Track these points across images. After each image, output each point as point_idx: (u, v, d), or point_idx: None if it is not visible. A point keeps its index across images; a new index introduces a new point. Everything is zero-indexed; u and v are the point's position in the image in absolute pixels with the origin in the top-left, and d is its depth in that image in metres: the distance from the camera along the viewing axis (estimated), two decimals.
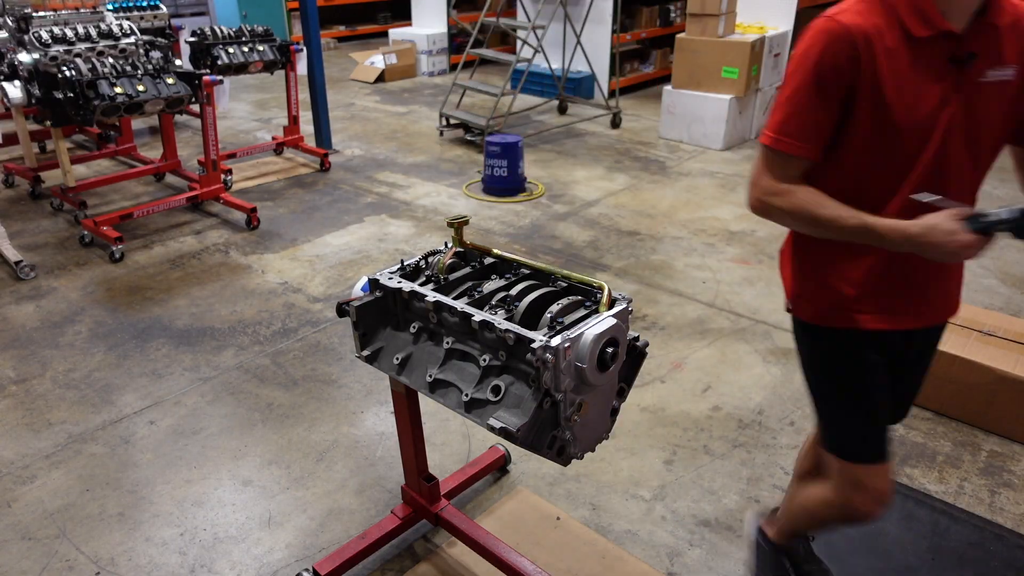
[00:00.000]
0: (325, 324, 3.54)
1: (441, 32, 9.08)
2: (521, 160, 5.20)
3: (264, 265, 4.16)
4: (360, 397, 3.02)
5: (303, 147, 5.91)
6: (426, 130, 6.81)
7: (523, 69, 6.50)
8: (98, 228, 4.26)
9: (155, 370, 3.19)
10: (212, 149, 4.62)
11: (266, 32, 5.41)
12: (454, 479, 2.44)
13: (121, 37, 4.48)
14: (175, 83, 4.18)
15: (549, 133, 6.71)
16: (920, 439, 2.77)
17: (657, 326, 3.51)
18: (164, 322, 3.56)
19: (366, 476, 2.60)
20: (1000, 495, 2.50)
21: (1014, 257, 4.24)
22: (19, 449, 2.72)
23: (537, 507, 2.45)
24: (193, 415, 2.91)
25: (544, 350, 1.34)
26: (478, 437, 2.78)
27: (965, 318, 3.02)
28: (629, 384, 1.64)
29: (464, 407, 1.51)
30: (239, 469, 2.63)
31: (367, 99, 8.00)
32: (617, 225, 4.65)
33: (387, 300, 1.71)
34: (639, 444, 2.73)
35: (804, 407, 2.93)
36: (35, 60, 4.07)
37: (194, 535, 2.35)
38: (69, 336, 3.45)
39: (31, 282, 3.94)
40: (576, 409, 1.47)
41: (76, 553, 2.28)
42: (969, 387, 2.79)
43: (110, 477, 2.59)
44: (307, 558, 2.26)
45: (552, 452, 1.49)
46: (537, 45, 6.33)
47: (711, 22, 5.92)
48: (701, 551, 2.28)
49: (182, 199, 4.69)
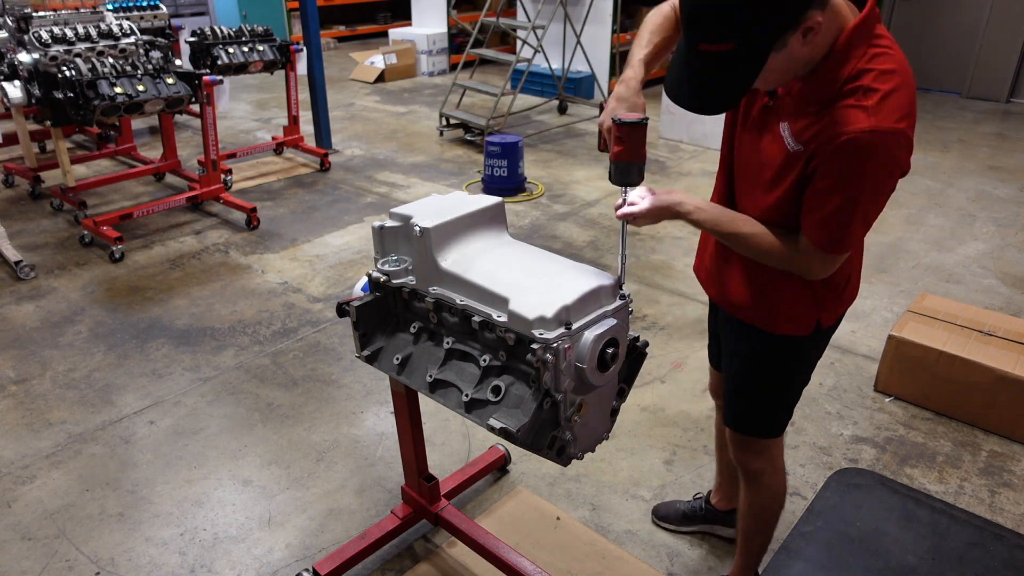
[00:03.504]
0: (325, 324, 3.54)
1: (441, 32, 9.08)
2: (521, 160, 5.20)
3: (264, 265, 4.16)
4: (360, 397, 3.02)
5: (303, 147, 5.90)
6: (426, 130, 6.80)
7: (523, 69, 6.50)
8: (98, 228, 4.26)
9: (155, 370, 3.19)
10: (212, 149, 4.62)
11: (266, 32, 5.41)
12: (454, 479, 2.44)
13: (121, 37, 4.47)
14: (175, 83, 4.18)
15: (549, 133, 6.71)
16: (920, 439, 2.77)
17: (657, 326, 3.51)
18: (164, 322, 3.56)
19: (366, 476, 2.60)
20: (1000, 495, 2.50)
21: (1014, 257, 4.24)
22: (19, 449, 2.72)
23: (537, 507, 2.45)
24: (193, 415, 2.91)
25: (544, 350, 1.34)
26: (478, 437, 2.78)
27: (965, 318, 3.02)
28: (629, 384, 1.63)
29: (464, 407, 1.51)
30: (239, 469, 2.63)
31: (367, 99, 8.00)
32: (617, 225, 4.64)
33: (387, 300, 1.71)
34: (639, 444, 2.73)
35: (804, 407, 2.93)
36: (35, 60, 4.07)
37: (194, 535, 2.35)
38: (69, 336, 3.45)
39: (31, 282, 3.94)
40: (576, 409, 1.47)
41: (76, 553, 2.28)
42: (969, 387, 2.79)
43: (110, 477, 2.59)
44: (307, 558, 2.26)
45: (552, 452, 1.49)
46: (537, 45, 6.33)
47: None
48: (701, 551, 2.28)
49: (182, 199, 4.69)
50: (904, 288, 3.88)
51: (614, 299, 1.49)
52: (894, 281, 3.97)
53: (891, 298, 3.79)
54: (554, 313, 1.36)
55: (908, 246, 4.39)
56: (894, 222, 4.73)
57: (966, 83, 7.89)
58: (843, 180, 1.33)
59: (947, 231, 4.61)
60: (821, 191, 1.37)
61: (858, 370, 3.18)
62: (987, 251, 4.32)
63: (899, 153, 1.30)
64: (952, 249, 4.35)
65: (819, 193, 1.37)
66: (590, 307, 1.44)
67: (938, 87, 8.12)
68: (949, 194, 5.22)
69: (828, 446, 2.73)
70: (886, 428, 2.83)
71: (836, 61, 1.31)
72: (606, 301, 1.48)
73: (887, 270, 4.09)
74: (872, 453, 2.69)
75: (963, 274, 4.04)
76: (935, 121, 7.06)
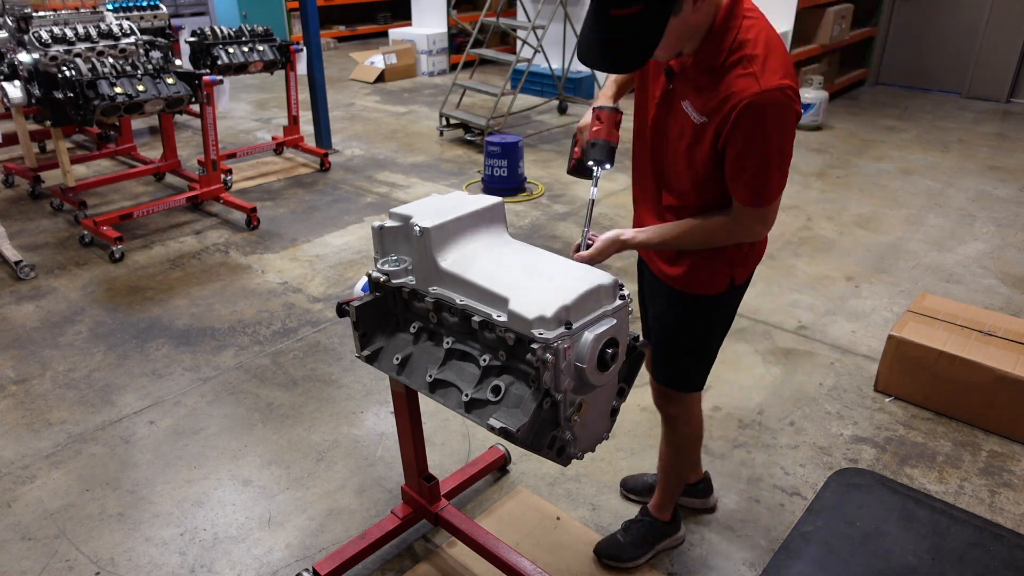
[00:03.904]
0: (325, 324, 3.54)
1: (441, 32, 9.08)
2: (521, 160, 5.20)
3: (264, 265, 4.16)
4: (360, 397, 3.02)
5: (303, 147, 5.90)
6: (426, 130, 6.81)
7: (523, 69, 6.50)
8: (98, 228, 4.26)
9: (155, 370, 3.19)
10: (212, 149, 4.62)
11: (266, 32, 5.41)
12: (454, 479, 2.44)
13: (121, 37, 4.47)
14: (175, 83, 4.18)
15: (549, 133, 6.71)
16: (920, 439, 2.77)
17: None
18: (164, 322, 3.56)
19: (366, 476, 2.60)
20: (1000, 495, 2.50)
21: (1014, 257, 4.24)
22: (19, 449, 2.72)
23: (537, 507, 2.45)
24: (193, 415, 2.91)
25: (544, 350, 1.34)
26: (478, 437, 2.78)
27: (965, 318, 3.02)
28: (629, 384, 1.64)
29: (464, 407, 1.51)
30: (239, 469, 2.63)
31: (367, 99, 8.00)
32: (618, 225, 4.64)
33: (387, 300, 1.71)
34: (639, 444, 2.73)
35: (804, 407, 2.94)
36: (35, 60, 4.07)
37: (194, 535, 2.35)
38: (69, 336, 3.45)
39: (31, 282, 3.94)
40: (576, 409, 1.47)
41: (76, 553, 2.28)
42: (969, 387, 2.79)
43: (110, 477, 2.59)
44: (307, 558, 2.26)
45: (552, 452, 1.49)
46: (537, 45, 6.33)
47: None
48: (701, 551, 2.28)
49: (182, 199, 4.69)
50: (904, 288, 3.88)
51: (614, 299, 1.49)
52: (894, 281, 3.97)
53: (891, 298, 3.79)
54: (554, 313, 1.36)
55: (908, 246, 4.39)
56: (894, 222, 4.73)
57: (966, 83, 7.89)
58: (753, 141, 1.52)
59: (947, 231, 4.61)
60: (738, 156, 1.55)
61: (858, 370, 3.18)
62: (987, 251, 4.32)
63: (791, 103, 1.50)
64: (952, 249, 4.35)
65: (736, 159, 1.55)
66: (590, 307, 1.44)
67: (938, 87, 8.12)
68: (949, 194, 5.22)
69: (828, 446, 2.73)
70: (886, 428, 2.83)
71: (719, 34, 1.51)
72: (606, 301, 1.48)
73: (887, 270, 4.09)
74: (872, 453, 2.69)
75: (963, 274, 4.04)
76: (935, 121, 7.06)
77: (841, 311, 3.66)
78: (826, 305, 3.71)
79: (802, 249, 4.30)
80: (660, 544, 2.24)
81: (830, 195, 5.19)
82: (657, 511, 2.24)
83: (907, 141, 6.46)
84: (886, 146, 6.31)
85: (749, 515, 2.41)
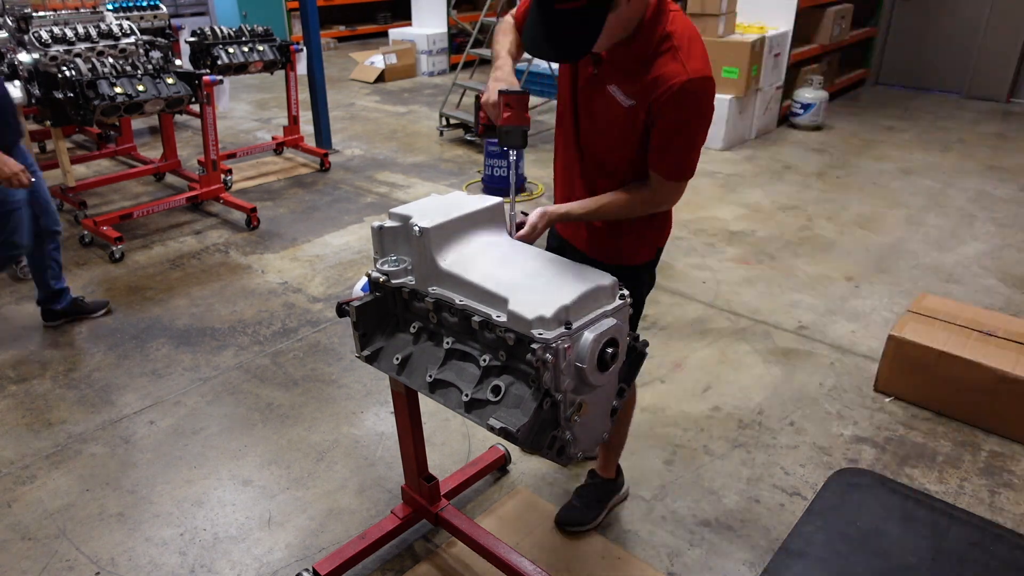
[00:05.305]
0: (325, 324, 3.54)
1: (441, 32, 9.08)
2: (521, 160, 5.20)
3: (264, 265, 4.16)
4: (360, 397, 3.02)
5: (303, 147, 5.91)
6: (426, 130, 6.81)
7: (523, 69, 6.50)
8: (98, 228, 4.26)
9: (155, 370, 3.19)
10: (212, 149, 4.62)
11: (266, 32, 5.41)
12: (454, 479, 2.44)
13: (121, 37, 4.47)
14: (175, 83, 4.18)
15: (549, 133, 6.70)
16: (920, 439, 2.77)
17: (657, 326, 3.51)
18: (164, 322, 3.56)
19: (366, 476, 2.60)
20: (1000, 495, 2.50)
21: (1014, 257, 4.24)
22: (19, 449, 2.72)
23: (537, 507, 2.45)
24: (193, 415, 2.91)
25: (544, 350, 1.34)
26: (478, 437, 2.78)
27: (965, 318, 3.02)
28: (629, 384, 1.64)
29: (464, 407, 1.51)
30: (239, 469, 2.63)
31: (367, 99, 8.00)
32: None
33: (387, 300, 1.71)
34: (639, 444, 2.73)
35: (804, 407, 2.94)
36: (35, 60, 4.07)
37: (194, 535, 2.35)
38: (69, 336, 3.45)
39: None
40: (576, 409, 1.47)
41: (76, 553, 2.28)
42: (969, 387, 2.79)
43: (110, 477, 2.59)
44: (307, 558, 2.26)
45: (552, 452, 1.49)
46: None
47: (711, 22, 5.92)
48: (701, 551, 2.28)
49: (182, 199, 4.69)
50: (904, 288, 3.88)
51: (613, 299, 1.49)
52: (894, 281, 3.97)
53: (891, 298, 3.79)
54: (553, 313, 1.36)
55: (908, 246, 4.39)
56: (894, 222, 4.73)
57: (966, 83, 7.89)
58: (680, 121, 1.68)
59: (947, 231, 4.61)
60: (664, 133, 1.69)
61: (858, 370, 3.18)
62: (987, 251, 4.32)
63: (712, 90, 1.68)
64: (952, 249, 4.35)
65: (663, 135, 1.70)
66: (590, 307, 1.44)
67: (938, 87, 8.12)
68: (949, 194, 5.22)
69: (828, 446, 2.73)
70: (886, 428, 2.83)
71: (650, 27, 1.65)
72: (605, 301, 1.48)
73: (887, 270, 4.09)
74: (872, 453, 2.69)
75: (963, 274, 4.04)
76: (935, 121, 7.06)
77: (841, 311, 3.66)
78: (826, 305, 3.71)
79: (802, 249, 4.30)
80: (611, 501, 2.40)
81: (830, 195, 5.19)
82: (603, 471, 2.39)
83: (907, 141, 6.46)
84: (886, 146, 6.31)
85: (749, 515, 2.41)
